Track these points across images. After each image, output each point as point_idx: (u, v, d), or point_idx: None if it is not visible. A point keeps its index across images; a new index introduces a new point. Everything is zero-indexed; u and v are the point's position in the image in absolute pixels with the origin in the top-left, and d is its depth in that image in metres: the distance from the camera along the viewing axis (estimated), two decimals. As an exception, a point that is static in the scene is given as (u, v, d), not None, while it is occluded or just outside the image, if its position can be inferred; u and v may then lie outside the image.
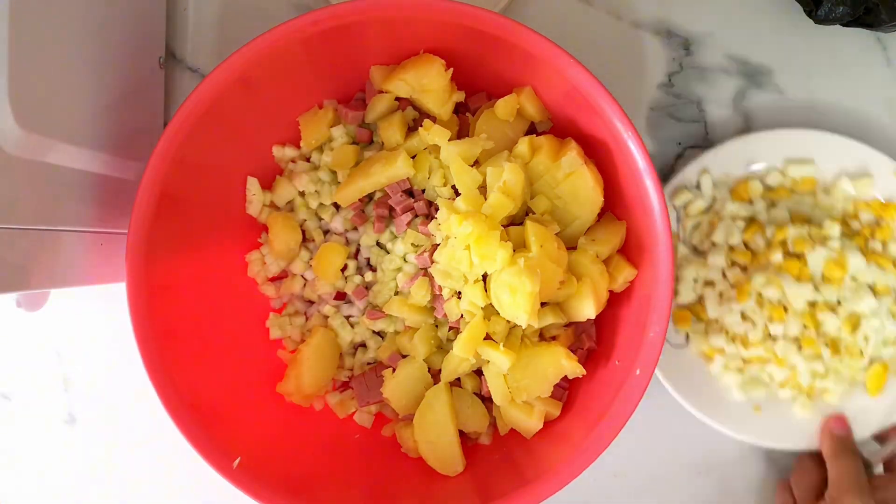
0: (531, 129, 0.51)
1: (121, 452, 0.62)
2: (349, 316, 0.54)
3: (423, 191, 0.50)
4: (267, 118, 0.51)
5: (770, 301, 0.53)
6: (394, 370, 0.51)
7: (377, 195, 0.52)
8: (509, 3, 0.55)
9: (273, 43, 0.45)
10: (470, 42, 0.46)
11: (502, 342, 0.47)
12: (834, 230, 0.53)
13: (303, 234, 0.54)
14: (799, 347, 0.53)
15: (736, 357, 0.55)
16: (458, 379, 0.51)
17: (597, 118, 0.45)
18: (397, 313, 0.50)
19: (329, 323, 0.53)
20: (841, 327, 0.53)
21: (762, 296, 0.54)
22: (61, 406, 0.62)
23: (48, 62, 0.43)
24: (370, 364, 0.54)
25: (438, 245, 0.48)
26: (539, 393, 0.47)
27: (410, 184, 0.50)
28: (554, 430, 0.49)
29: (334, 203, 0.53)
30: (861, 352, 0.53)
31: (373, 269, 0.53)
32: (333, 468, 0.51)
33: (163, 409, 0.45)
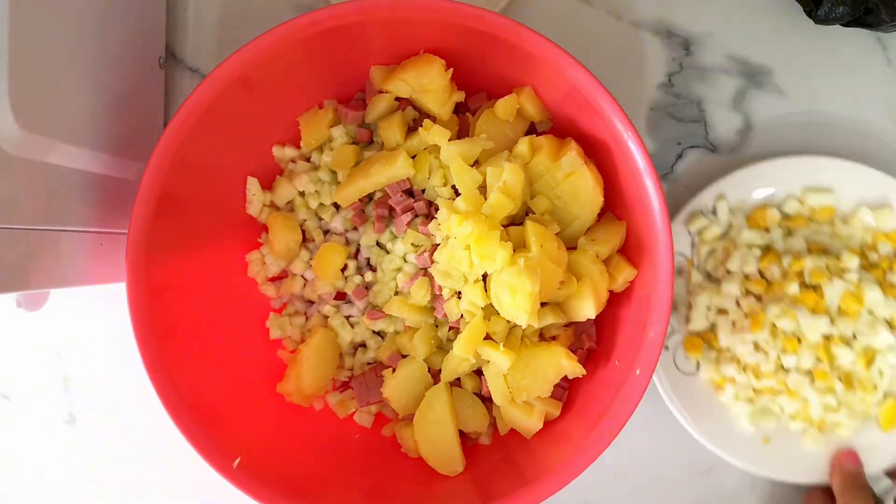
0: (531, 129, 0.51)
1: (121, 452, 0.62)
2: (349, 316, 0.54)
3: (423, 191, 0.50)
4: (267, 118, 0.51)
5: (784, 332, 0.52)
6: (394, 370, 0.51)
7: (377, 195, 0.52)
8: (509, 3, 0.55)
9: (273, 43, 0.45)
10: (470, 42, 0.46)
11: (502, 342, 0.47)
12: (852, 262, 0.52)
13: (303, 234, 0.54)
14: (811, 380, 0.52)
15: (747, 387, 0.54)
16: (458, 379, 0.51)
17: (597, 118, 0.45)
18: (397, 313, 0.50)
19: (329, 323, 0.53)
20: (855, 361, 0.52)
21: (776, 326, 0.52)
22: (61, 406, 0.62)
23: (48, 62, 0.43)
24: (370, 364, 0.54)
25: (438, 245, 0.48)
26: (539, 393, 0.47)
27: (410, 184, 0.50)
28: (554, 430, 0.49)
29: (334, 203, 0.53)
30: (875, 386, 0.52)
31: (373, 269, 0.53)
32: (333, 468, 0.51)
33: (163, 409, 0.45)
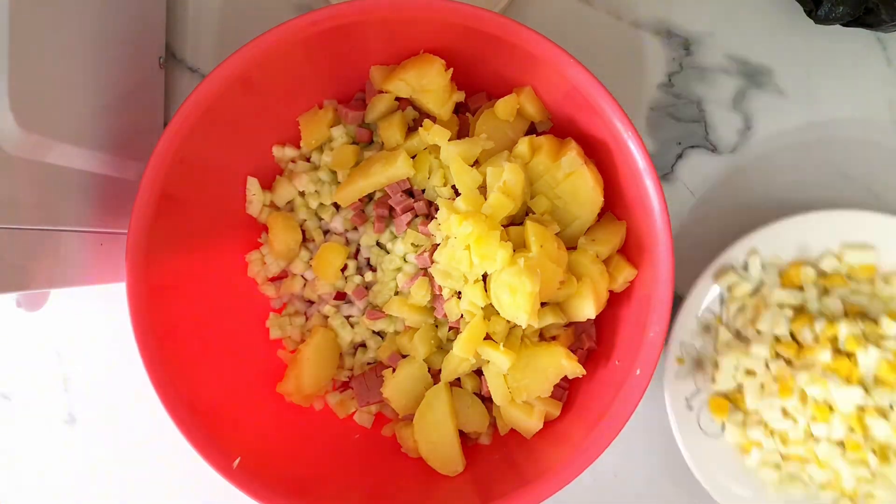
0: (531, 129, 0.51)
1: (121, 452, 0.62)
2: (349, 316, 0.54)
3: (423, 191, 0.50)
4: (267, 118, 0.51)
5: (815, 399, 0.49)
6: (394, 370, 0.51)
7: (377, 195, 0.52)
8: (509, 3, 0.55)
9: (273, 43, 0.45)
10: (470, 42, 0.46)
11: (502, 342, 0.47)
12: (892, 329, 0.49)
13: (303, 234, 0.54)
14: (843, 451, 0.50)
15: (774, 452, 0.52)
16: (458, 379, 0.51)
17: (597, 118, 0.45)
18: (397, 313, 0.50)
19: (329, 323, 0.53)
20: (892, 434, 0.49)
21: (806, 392, 0.50)
22: (61, 406, 0.62)
23: (48, 62, 0.43)
24: (370, 364, 0.54)
25: (438, 245, 0.48)
26: (539, 393, 0.47)
27: (410, 184, 0.50)
28: (554, 430, 0.49)
29: (334, 203, 0.53)
30: None
31: (373, 269, 0.53)
32: (333, 468, 0.51)
33: (163, 409, 0.45)
